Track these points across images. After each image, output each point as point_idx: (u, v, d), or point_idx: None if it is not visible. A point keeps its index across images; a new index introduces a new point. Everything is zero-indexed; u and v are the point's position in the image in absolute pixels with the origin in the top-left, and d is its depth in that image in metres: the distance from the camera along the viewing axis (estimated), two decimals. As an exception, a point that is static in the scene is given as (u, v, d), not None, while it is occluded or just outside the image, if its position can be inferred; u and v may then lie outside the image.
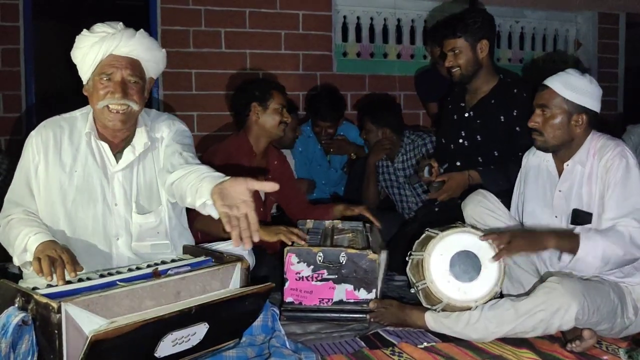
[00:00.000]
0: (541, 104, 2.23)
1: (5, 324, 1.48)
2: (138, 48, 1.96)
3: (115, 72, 1.92)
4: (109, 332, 1.42)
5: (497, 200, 2.39)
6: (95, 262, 1.95)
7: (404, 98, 4.70)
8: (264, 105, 2.94)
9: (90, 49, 1.91)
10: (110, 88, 1.91)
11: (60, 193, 1.95)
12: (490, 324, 2.08)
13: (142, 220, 2.02)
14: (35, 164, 1.95)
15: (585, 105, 2.18)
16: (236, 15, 4.25)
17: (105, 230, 1.98)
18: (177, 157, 1.95)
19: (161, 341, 1.58)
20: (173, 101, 4.05)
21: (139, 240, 2.03)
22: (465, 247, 2.22)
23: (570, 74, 2.21)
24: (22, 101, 3.97)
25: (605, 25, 5.26)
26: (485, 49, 2.83)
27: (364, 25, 4.65)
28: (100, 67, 1.92)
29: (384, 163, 3.64)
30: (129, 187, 2.01)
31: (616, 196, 2.10)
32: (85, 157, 1.98)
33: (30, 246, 1.80)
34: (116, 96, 1.90)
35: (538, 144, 2.27)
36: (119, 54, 1.93)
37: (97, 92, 1.92)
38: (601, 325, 2.06)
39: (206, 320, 1.66)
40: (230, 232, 1.54)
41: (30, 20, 3.94)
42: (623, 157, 2.13)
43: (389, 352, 2.04)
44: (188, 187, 1.76)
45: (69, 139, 1.98)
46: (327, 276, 2.35)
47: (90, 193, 1.97)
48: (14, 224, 1.89)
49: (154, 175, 2.06)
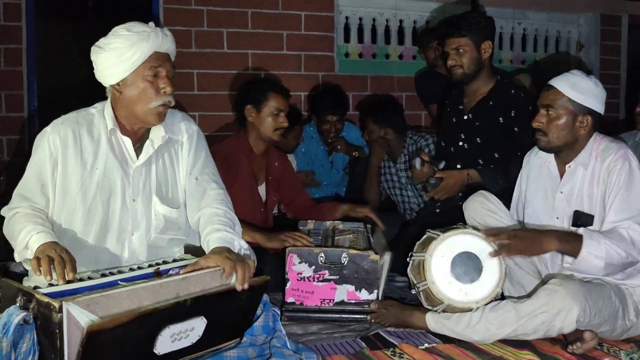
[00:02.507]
0: (546, 104, 2.23)
1: (7, 323, 1.48)
2: (172, 46, 2.02)
3: (161, 69, 1.97)
4: (105, 323, 1.43)
5: (498, 202, 2.38)
6: (106, 258, 1.96)
7: (405, 99, 4.70)
8: (258, 108, 2.87)
9: (132, 47, 1.91)
10: (160, 84, 1.96)
11: (81, 190, 1.95)
12: (491, 326, 2.07)
13: (166, 211, 2.04)
14: (53, 162, 1.95)
15: (590, 107, 2.18)
16: (238, 16, 4.26)
17: (120, 225, 1.99)
18: (195, 185, 2.10)
19: (159, 336, 1.58)
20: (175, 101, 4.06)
21: (162, 232, 2.04)
22: (466, 249, 2.22)
23: (576, 75, 2.21)
24: (24, 101, 3.98)
25: (608, 27, 5.26)
26: (488, 50, 2.84)
27: (366, 26, 4.66)
28: (145, 65, 1.94)
29: (386, 164, 3.63)
30: (148, 181, 2.03)
31: (619, 199, 2.10)
32: (106, 153, 1.99)
33: (31, 245, 1.80)
34: (167, 90, 1.96)
35: (542, 145, 2.27)
36: (162, 51, 1.97)
37: (140, 88, 1.94)
38: (602, 328, 2.06)
39: (203, 314, 1.67)
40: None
41: (32, 20, 3.96)
42: (626, 159, 2.13)
43: (389, 353, 2.04)
44: (201, 235, 2.00)
45: (88, 136, 1.99)
46: (328, 277, 2.35)
47: (110, 189, 1.98)
48: (18, 218, 1.89)
49: (173, 173, 2.09)
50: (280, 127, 2.87)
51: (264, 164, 3.01)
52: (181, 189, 2.10)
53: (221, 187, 2.13)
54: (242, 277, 1.74)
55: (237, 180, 2.84)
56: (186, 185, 2.10)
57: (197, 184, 2.09)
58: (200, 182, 2.09)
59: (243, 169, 2.89)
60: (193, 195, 2.08)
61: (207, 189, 2.08)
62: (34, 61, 3.98)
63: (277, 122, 2.86)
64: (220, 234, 1.90)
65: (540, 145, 2.27)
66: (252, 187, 2.94)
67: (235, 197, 2.79)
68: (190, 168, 2.11)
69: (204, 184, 2.09)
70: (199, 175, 2.10)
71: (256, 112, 2.87)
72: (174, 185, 2.09)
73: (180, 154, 2.11)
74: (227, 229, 1.94)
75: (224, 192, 2.11)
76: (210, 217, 1.99)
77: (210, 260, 1.78)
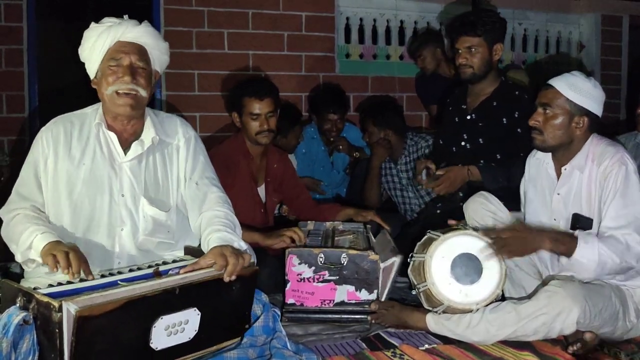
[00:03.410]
0: (544, 103, 2.23)
1: (7, 324, 1.48)
2: (144, 35, 2.02)
3: (123, 57, 1.97)
4: (94, 308, 1.44)
5: (499, 202, 2.38)
6: (97, 254, 1.96)
7: (406, 99, 4.70)
8: (240, 114, 2.86)
9: (98, 38, 1.96)
10: (119, 73, 1.96)
11: (68, 185, 1.96)
12: (491, 327, 2.07)
13: (154, 212, 2.03)
14: (45, 157, 1.98)
15: (587, 108, 2.18)
16: (239, 16, 4.26)
17: (110, 220, 1.99)
18: (195, 190, 2.11)
19: (154, 327, 1.58)
20: (176, 102, 4.07)
21: (150, 234, 2.03)
22: (466, 250, 2.22)
23: (576, 76, 2.21)
24: (25, 101, 3.98)
25: (608, 27, 5.25)
26: (499, 53, 2.82)
27: (366, 26, 4.65)
28: (109, 54, 1.97)
29: (387, 165, 3.63)
30: (136, 180, 2.03)
31: (615, 204, 2.09)
32: (93, 149, 2.01)
33: (36, 245, 1.81)
34: (125, 79, 1.95)
35: (537, 143, 2.27)
36: (126, 40, 1.98)
37: (106, 78, 1.97)
38: (603, 329, 2.06)
39: (195, 305, 1.67)
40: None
41: (33, 21, 3.96)
42: (623, 164, 2.12)
43: (390, 354, 2.04)
44: (202, 237, 2.01)
45: (78, 133, 2.01)
46: (328, 277, 2.35)
47: (97, 184, 1.99)
48: (19, 220, 1.89)
49: (165, 176, 2.09)
50: (260, 131, 2.83)
51: (262, 165, 3.01)
52: (173, 193, 2.10)
53: (221, 190, 2.14)
54: (232, 268, 1.74)
55: (237, 182, 2.84)
56: (186, 190, 2.10)
57: (197, 189, 2.09)
58: (201, 187, 2.10)
59: (242, 171, 2.89)
60: (194, 200, 2.09)
61: (208, 192, 2.09)
62: (34, 62, 3.98)
63: (256, 126, 2.82)
64: (219, 234, 1.91)
65: (536, 143, 2.27)
66: (252, 189, 2.94)
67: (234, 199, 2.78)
68: (190, 173, 2.11)
69: (204, 188, 2.10)
70: (199, 180, 2.11)
71: (239, 118, 2.88)
72: (164, 188, 2.08)
73: (175, 158, 2.11)
74: (227, 230, 1.94)
75: (224, 195, 2.12)
76: (211, 219, 2.00)
77: (208, 258, 1.79)
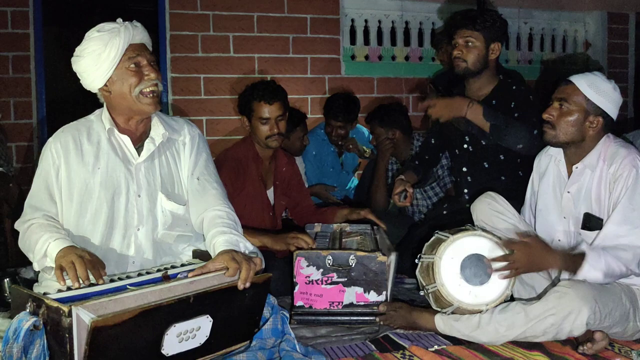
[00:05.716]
0: (561, 98, 2.22)
1: (17, 329, 1.49)
2: (145, 35, 2.05)
3: (141, 58, 1.99)
4: (109, 319, 1.44)
5: (506, 202, 2.37)
6: (112, 255, 1.97)
7: (412, 100, 4.70)
8: (249, 118, 2.87)
9: (107, 46, 1.94)
10: (143, 73, 1.98)
11: (86, 192, 1.98)
12: (500, 328, 2.06)
13: (172, 207, 2.07)
14: (56, 168, 1.98)
15: (604, 109, 2.17)
16: (244, 20, 4.27)
17: (126, 221, 2.01)
18: (197, 185, 2.14)
19: (166, 335, 1.58)
20: (182, 106, 4.08)
21: (169, 228, 2.06)
22: (476, 251, 2.21)
23: (597, 76, 2.20)
24: (32, 107, 4.01)
25: (615, 25, 5.23)
26: (496, 52, 2.81)
27: (371, 28, 4.65)
28: (124, 58, 1.97)
29: (394, 166, 3.63)
30: (152, 178, 2.06)
31: (623, 207, 2.08)
32: (107, 153, 2.02)
33: (50, 252, 1.82)
34: (151, 76, 1.98)
35: (548, 137, 2.25)
36: (136, 42, 2.00)
37: (127, 81, 1.97)
38: (613, 329, 2.04)
39: (208, 312, 1.67)
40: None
41: (40, 27, 3.98)
42: (633, 166, 2.11)
43: (399, 356, 2.03)
44: (206, 237, 2.04)
45: (88, 140, 2.02)
46: (336, 279, 2.35)
47: (114, 187, 2.00)
48: (34, 229, 1.91)
49: (177, 171, 2.12)
50: (270, 135, 2.83)
51: (272, 168, 3.01)
52: (184, 188, 2.14)
53: (221, 187, 2.18)
54: (245, 275, 1.75)
55: (247, 185, 2.86)
56: (188, 186, 2.13)
57: (199, 184, 2.13)
58: (202, 182, 2.13)
59: (252, 174, 2.90)
60: (195, 195, 2.11)
61: (209, 188, 2.12)
62: (42, 68, 4.01)
63: (265, 130, 2.83)
64: (225, 237, 1.93)
65: (547, 137, 2.26)
66: (262, 192, 2.94)
67: (244, 201, 2.82)
68: (192, 169, 2.14)
69: (205, 183, 2.13)
70: (200, 176, 2.14)
71: (249, 122, 2.89)
72: (178, 183, 2.12)
73: (182, 154, 2.15)
74: (232, 232, 1.96)
75: (224, 192, 2.17)
76: (214, 219, 2.02)
77: (217, 262, 1.80)
